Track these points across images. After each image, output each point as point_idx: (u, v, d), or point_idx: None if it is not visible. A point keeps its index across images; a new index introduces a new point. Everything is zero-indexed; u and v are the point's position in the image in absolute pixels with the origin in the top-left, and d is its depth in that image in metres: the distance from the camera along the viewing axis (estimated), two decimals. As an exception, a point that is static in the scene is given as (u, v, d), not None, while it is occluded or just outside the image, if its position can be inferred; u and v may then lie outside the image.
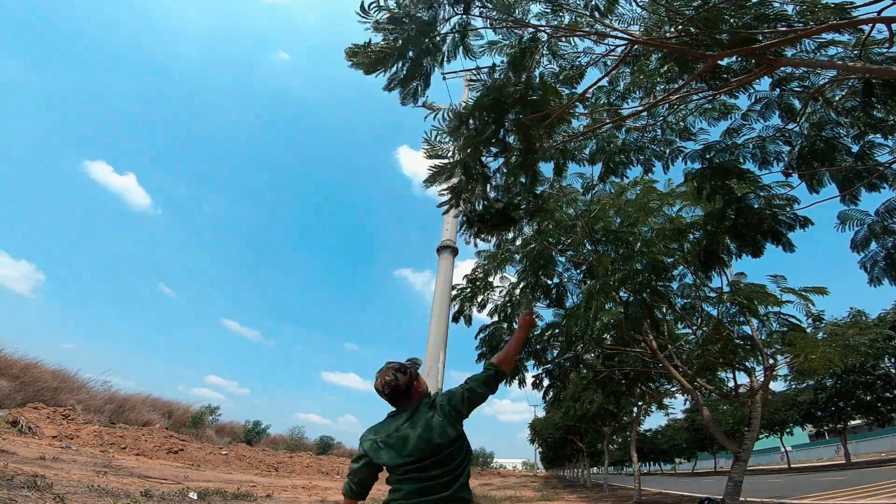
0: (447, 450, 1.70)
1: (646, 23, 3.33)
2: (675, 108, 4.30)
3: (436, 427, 1.71)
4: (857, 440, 31.73)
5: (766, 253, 4.28)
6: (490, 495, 16.57)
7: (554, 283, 7.05)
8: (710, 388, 7.96)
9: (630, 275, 5.32)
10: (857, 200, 4.03)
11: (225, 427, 22.21)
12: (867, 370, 20.54)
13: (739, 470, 6.01)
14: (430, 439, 1.69)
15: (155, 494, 6.35)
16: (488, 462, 74.80)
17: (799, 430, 32.03)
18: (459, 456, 1.74)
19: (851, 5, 2.89)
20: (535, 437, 35.54)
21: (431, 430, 1.70)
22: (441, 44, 3.06)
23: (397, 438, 1.72)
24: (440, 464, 1.69)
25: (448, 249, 11.06)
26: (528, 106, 3.15)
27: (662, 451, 45.50)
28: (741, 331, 6.86)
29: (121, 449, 12.24)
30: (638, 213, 6.21)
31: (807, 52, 3.22)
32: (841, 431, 25.29)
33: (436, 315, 10.16)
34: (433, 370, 9.14)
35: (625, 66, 3.86)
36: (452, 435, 1.72)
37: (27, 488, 5.04)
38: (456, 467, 1.71)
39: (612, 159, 4.51)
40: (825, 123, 3.74)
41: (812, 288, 6.32)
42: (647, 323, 6.02)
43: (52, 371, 14.96)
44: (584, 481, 30.87)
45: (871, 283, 4.15)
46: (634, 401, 13.71)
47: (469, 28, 3.04)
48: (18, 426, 10.70)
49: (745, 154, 4.18)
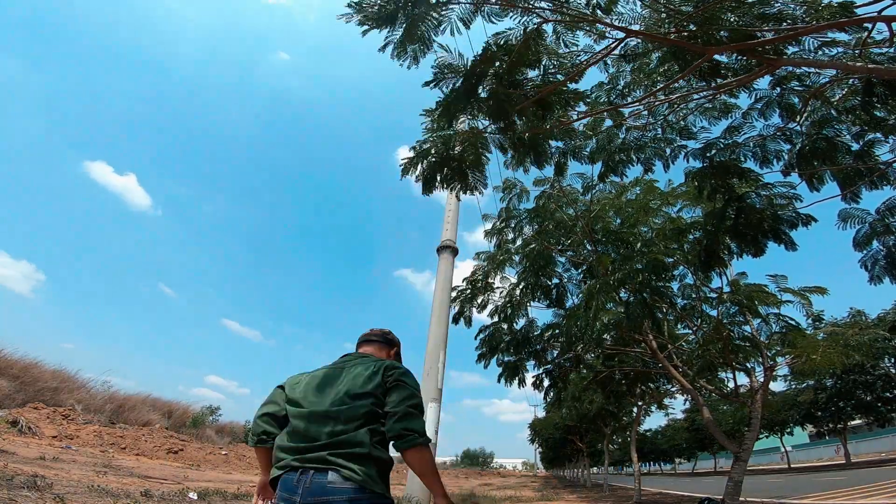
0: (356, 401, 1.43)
1: (646, 21, 3.33)
2: (676, 107, 4.30)
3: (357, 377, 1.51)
4: (857, 440, 31.74)
5: (767, 252, 4.28)
6: (490, 495, 16.57)
7: (554, 284, 7.05)
8: (710, 389, 7.96)
9: (630, 275, 5.32)
10: (858, 199, 4.03)
11: (225, 427, 22.18)
12: (867, 370, 20.54)
13: (739, 470, 6.01)
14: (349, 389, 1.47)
15: (155, 494, 6.34)
16: (488, 462, 74.77)
17: (799, 430, 32.02)
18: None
19: (852, 4, 2.89)
20: (535, 437, 35.56)
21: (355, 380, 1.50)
22: (441, 9, 2.96)
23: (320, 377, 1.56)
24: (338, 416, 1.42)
25: (448, 249, 11.07)
26: (504, 75, 3.12)
27: (662, 451, 45.50)
28: (742, 331, 6.85)
29: (121, 449, 12.23)
30: (638, 212, 6.21)
31: (808, 52, 3.22)
32: (841, 431, 25.28)
33: (436, 315, 10.16)
34: (433, 370, 9.14)
35: (625, 64, 3.86)
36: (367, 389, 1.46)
37: (27, 488, 5.03)
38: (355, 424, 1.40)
39: (612, 158, 4.51)
40: (826, 122, 3.74)
41: (811, 288, 6.32)
42: (647, 323, 6.02)
43: (52, 371, 14.96)
44: (584, 481, 30.86)
45: (872, 281, 4.15)
46: (634, 401, 13.71)
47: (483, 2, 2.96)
48: (18, 426, 10.70)
49: (745, 153, 4.18)
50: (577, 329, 5.95)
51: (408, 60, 3.08)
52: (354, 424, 1.39)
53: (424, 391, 9.16)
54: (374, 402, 1.44)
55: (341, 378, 1.55)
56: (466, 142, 3.87)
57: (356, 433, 1.37)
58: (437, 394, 9.07)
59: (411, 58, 3.07)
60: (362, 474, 1.30)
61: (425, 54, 3.08)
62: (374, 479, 1.33)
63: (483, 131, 3.86)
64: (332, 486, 1.29)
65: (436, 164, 3.92)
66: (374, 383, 1.48)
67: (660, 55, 3.56)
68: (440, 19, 2.96)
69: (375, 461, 1.36)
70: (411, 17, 2.85)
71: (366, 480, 1.30)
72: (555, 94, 3.40)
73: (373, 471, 1.34)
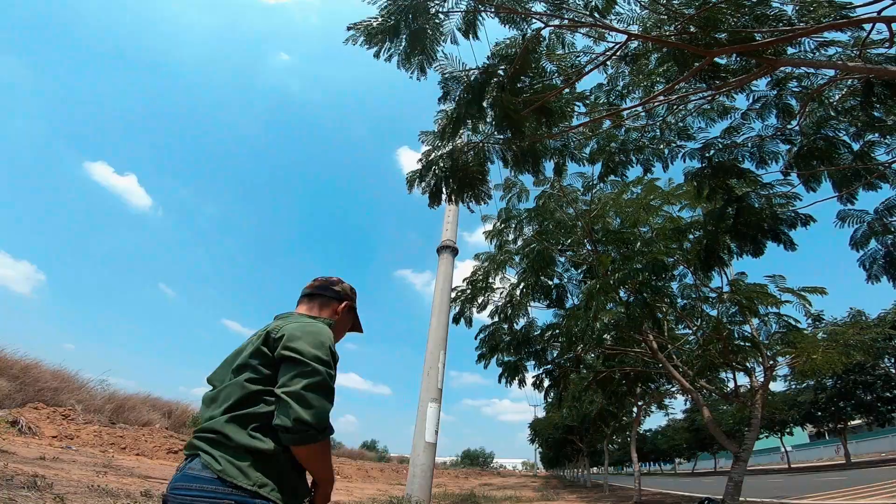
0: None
1: (644, 22, 3.34)
2: (675, 108, 4.31)
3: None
4: (857, 440, 31.72)
5: (766, 252, 4.29)
6: (490, 495, 16.57)
7: (554, 284, 7.06)
8: (710, 389, 7.96)
9: (630, 274, 5.33)
10: (853, 200, 4.04)
11: (225, 427, 22.21)
12: (867, 370, 20.53)
13: (739, 470, 6.01)
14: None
15: (155, 494, 6.35)
16: (488, 462, 74.74)
17: (799, 430, 32.02)
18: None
19: (851, 5, 2.89)
20: (535, 438, 35.55)
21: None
22: (442, 20, 3.05)
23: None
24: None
25: (448, 249, 11.08)
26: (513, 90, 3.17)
27: (662, 451, 45.50)
28: (741, 331, 6.86)
29: (121, 449, 12.23)
30: (638, 211, 6.21)
31: (806, 52, 3.22)
32: (841, 431, 25.28)
33: (436, 315, 10.16)
34: (433, 370, 9.14)
35: (624, 65, 3.87)
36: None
37: (27, 488, 5.04)
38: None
39: (611, 159, 4.52)
40: (825, 122, 3.75)
41: (811, 288, 6.32)
42: (647, 323, 6.02)
43: (52, 371, 14.95)
44: (584, 481, 30.86)
45: (870, 280, 4.16)
46: (634, 401, 13.71)
47: (479, 9, 3.02)
48: (18, 426, 10.70)
49: (744, 153, 4.19)
50: (577, 329, 5.95)
51: (415, 72, 3.16)
52: (226, 405, 1.17)
53: (424, 391, 9.16)
54: (252, 378, 1.20)
55: (244, 349, 1.31)
56: (471, 153, 3.91)
57: (222, 416, 1.16)
58: (437, 394, 9.07)
59: (417, 68, 3.15)
60: (223, 463, 1.10)
61: (430, 64, 3.16)
62: (242, 470, 1.10)
63: (483, 143, 3.90)
64: (190, 474, 1.11)
65: (441, 177, 3.96)
66: (256, 353, 1.23)
67: (659, 56, 3.57)
68: (441, 27, 3.03)
69: (246, 450, 1.12)
70: (411, 30, 2.93)
71: (226, 470, 1.09)
72: (555, 99, 3.43)
73: (242, 461, 1.11)
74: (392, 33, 2.92)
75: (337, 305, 1.51)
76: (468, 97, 3.15)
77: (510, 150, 3.87)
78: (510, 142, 3.66)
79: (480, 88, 3.12)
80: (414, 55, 3.06)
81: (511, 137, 3.53)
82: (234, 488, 1.08)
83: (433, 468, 9.02)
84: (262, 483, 1.12)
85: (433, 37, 3.03)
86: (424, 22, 2.93)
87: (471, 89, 3.16)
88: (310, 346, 1.19)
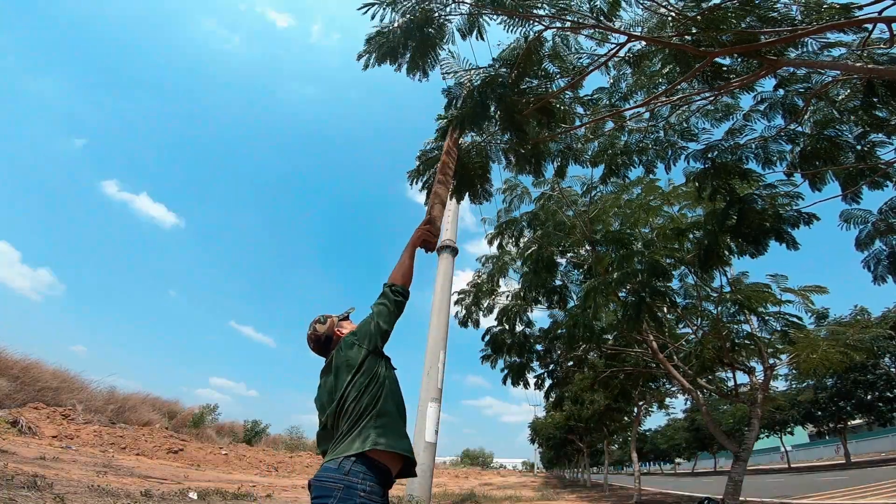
0: (350, 386, 1.48)
1: (647, 23, 3.33)
2: (677, 109, 4.29)
3: (341, 365, 1.54)
4: (857, 440, 31.71)
5: (770, 250, 4.27)
6: (490, 495, 16.56)
7: (556, 285, 7.06)
8: (710, 388, 7.95)
9: (629, 275, 5.32)
10: (858, 199, 4.02)
11: (225, 427, 22.18)
12: (868, 369, 20.51)
13: (739, 469, 6.00)
14: (334, 384, 1.52)
15: (155, 494, 6.34)
16: (488, 462, 74.80)
17: (799, 429, 32.01)
18: (365, 386, 1.48)
19: (855, 5, 2.88)
20: (535, 437, 35.54)
21: (338, 372, 1.54)
22: (445, 24, 3.13)
23: (322, 393, 1.59)
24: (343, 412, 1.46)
25: (448, 249, 11.07)
26: (517, 90, 3.21)
27: (662, 450, 45.48)
28: (742, 330, 6.84)
29: (121, 449, 12.23)
30: (638, 212, 6.20)
31: (810, 53, 3.21)
32: (841, 431, 25.27)
33: (435, 315, 10.16)
34: (433, 370, 9.14)
35: (627, 67, 3.85)
36: (356, 359, 1.52)
37: (27, 488, 5.03)
38: (359, 407, 1.44)
39: (613, 161, 4.50)
40: (828, 122, 3.74)
41: (812, 287, 6.30)
42: (647, 323, 6.01)
43: (52, 371, 14.93)
44: (584, 481, 30.85)
45: (875, 281, 4.14)
46: (635, 401, 13.71)
47: (480, 13, 3.08)
48: (18, 426, 10.69)
49: (747, 154, 4.17)
50: (577, 330, 5.95)
51: (418, 75, 3.32)
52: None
53: (424, 391, 9.17)
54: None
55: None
56: (473, 151, 3.91)
57: None
58: (437, 394, 9.07)
59: (420, 72, 3.30)
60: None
61: (433, 67, 3.32)
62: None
63: (484, 143, 3.90)
64: None
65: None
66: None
67: (662, 57, 3.56)
68: (441, 38, 3.16)
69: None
70: (411, 48, 3.12)
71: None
72: (556, 100, 3.44)
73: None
74: (400, 50, 3.11)
75: (340, 330, 1.78)
76: (471, 105, 3.18)
77: (513, 151, 3.87)
78: (515, 144, 3.66)
79: (483, 95, 3.16)
80: (418, 64, 3.22)
81: (514, 139, 3.54)
82: None
83: (433, 468, 9.02)
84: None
85: (437, 43, 3.16)
86: (430, 30, 3.04)
87: (473, 96, 3.19)
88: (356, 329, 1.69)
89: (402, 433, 1.48)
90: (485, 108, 3.17)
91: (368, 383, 1.49)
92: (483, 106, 3.14)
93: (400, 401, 1.57)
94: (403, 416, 1.56)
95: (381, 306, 1.69)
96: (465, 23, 3.15)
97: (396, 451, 1.40)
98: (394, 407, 1.50)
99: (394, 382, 1.59)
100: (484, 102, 3.14)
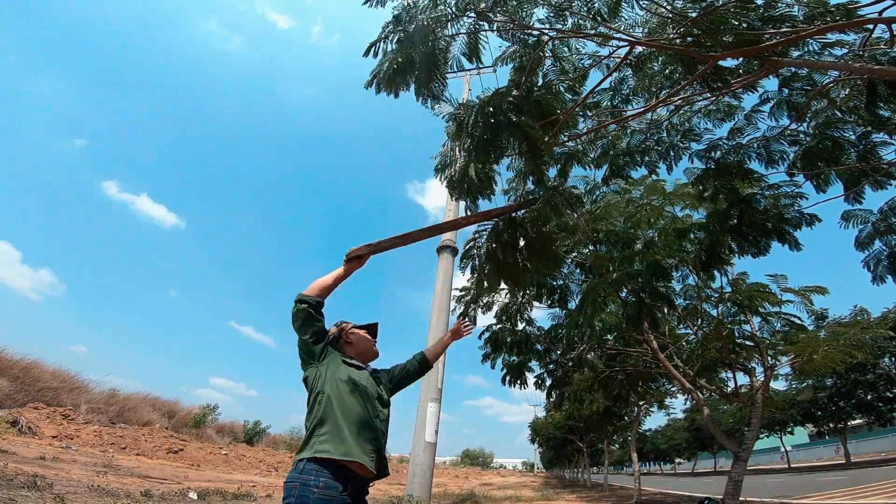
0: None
1: (649, 25, 3.32)
2: (679, 109, 4.29)
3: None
4: (857, 440, 31.70)
5: (771, 251, 4.27)
6: (490, 495, 16.56)
7: (557, 284, 7.05)
8: (710, 389, 7.95)
9: (629, 275, 5.31)
10: (861, 199, 4.01)
11: (225, 427, 22.17)
12: (868, 369, 20.49)
13: (739, 469, 6.00)
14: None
15: (155, 494, 6.34)
16: (488, 462, 74.78)
17: (799, 429, 32.00)
18: (310, 402, 1.71)
19: (856, 5, 2.88)
20: (535, 437, 35.52)
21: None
22: (448, 48, 3.13)
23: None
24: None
25: (448, 249, 11.07)
26: (530, 111, 3.19)
27: (662, 450, 45.45)
28: (743, 331, 6.84)
29: (121, 449, 12.23)
30: (639, 212, 6.19)
31: (812, 53, 3.21)
32: (841, 431, 25.26)
33: (436, 314, 10.16)
34: (433, 370, 9.13)
35: (628, 69, 3.85)
36: (304, 378, 1.78)
37: (27, 488, 5.03)
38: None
39: (615, 162, 4.50)
40: (831, 122, 3.73)
41: (812, 287, 6.30)
42: (647, 323, 6.00)
43: (52, 371, 14.91)
44: (584, 481, 30.85)
45: (875, 281, 4.14)
46: (635, 401, 13.70)
47: (480, 30, 3.09)
48: (18, 426, 10.69)
49: (749, 154, 4.16)
50: (577, 330, 5.95)
51: (429, 102, 3.38)
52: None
53: (424, 391, 9.17)
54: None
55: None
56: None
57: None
58: (437, 393, 9.07)
59: (430, 99, 3.36)
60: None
61: (443, 92, 3.35)
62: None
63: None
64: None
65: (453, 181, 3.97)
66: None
67: (664, 59, 3.56)
68: (445, 59, 3.19)
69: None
70: (416, 78, 3.16)
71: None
72: (560, 105, 3.43)
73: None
74: (404, 75, 3.12)
75: (347, 338, 1.96)
76: (481, 132, 3.16)
77: (521, 158, 3.85)
78: (528, 163, 3.63)
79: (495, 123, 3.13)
80: (426, 86, 3.22)
81: (528, 159, 3.51)
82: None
83: (433, 468, 9.02)
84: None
85: (442, 61, 3.17)
86: (431, 44, 3.01)
87: (482, 120, 3.16)
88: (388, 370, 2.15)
89: (342, 438, 1.55)
90: (496, 136, 3.15)
91: (310, 398, 1.68)
92: (494, 135, 3.13)
93: (349, 403, 1.64)
94: (354, 417, 1.61)
95: (411, 374, 2.11)
96: (466, 47, 3.17)
97: (334, 458, 1.50)
98: (338, 412, 1.60)
99: (344, 384, 1.68)
100: (496, 132, 3.12)
